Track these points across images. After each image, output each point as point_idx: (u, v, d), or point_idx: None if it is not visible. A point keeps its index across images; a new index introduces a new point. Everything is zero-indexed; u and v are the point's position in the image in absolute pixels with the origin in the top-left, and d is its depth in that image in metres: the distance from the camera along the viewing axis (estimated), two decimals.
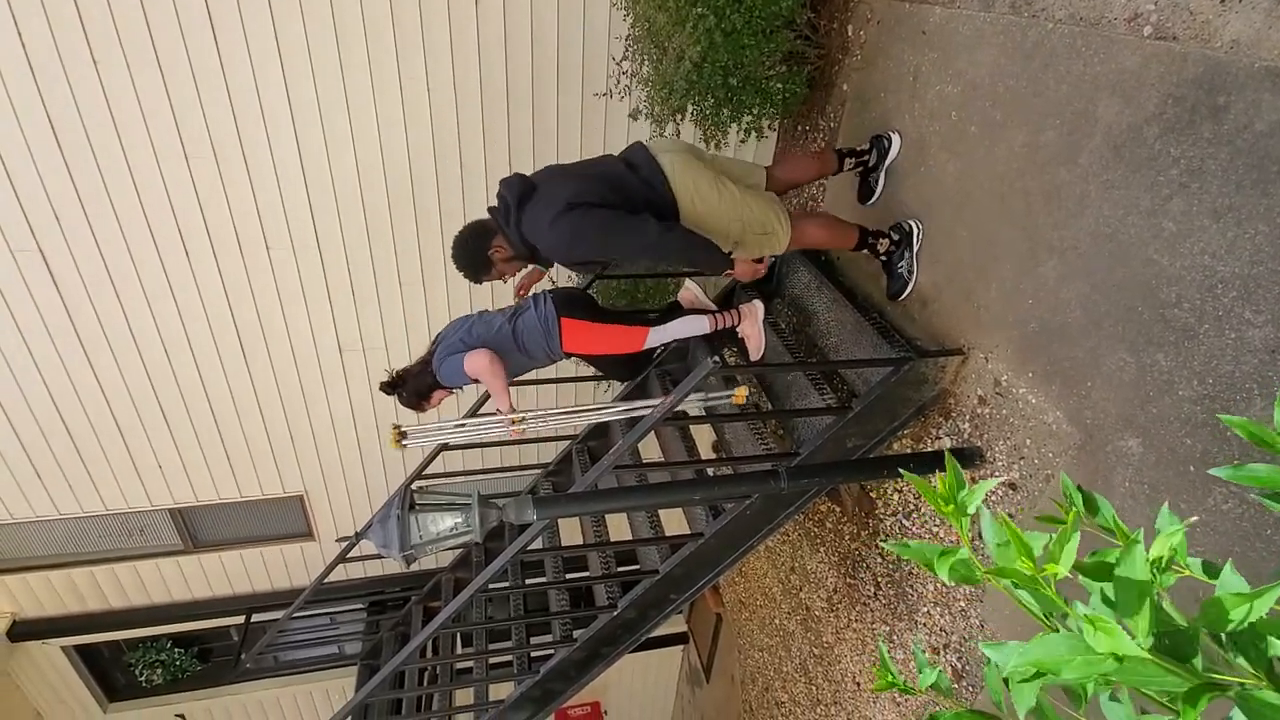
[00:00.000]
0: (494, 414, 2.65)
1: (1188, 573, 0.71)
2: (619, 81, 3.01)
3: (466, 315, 2.68)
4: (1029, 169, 2.07)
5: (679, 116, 2.86)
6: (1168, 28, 1.66)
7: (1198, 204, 1.62)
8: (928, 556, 0.73)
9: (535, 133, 3.33)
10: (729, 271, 2.44)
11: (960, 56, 2.29)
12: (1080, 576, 0.69)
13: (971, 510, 0.75)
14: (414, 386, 2.59)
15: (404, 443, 2.57)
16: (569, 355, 2.64)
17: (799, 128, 3.36)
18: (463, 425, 2.77)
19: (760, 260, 2.55)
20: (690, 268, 2.65)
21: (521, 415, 2.55)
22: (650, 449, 3.87)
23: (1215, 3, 1.56)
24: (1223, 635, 0.62)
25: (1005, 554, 0.67)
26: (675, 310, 2.85)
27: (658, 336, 2.69)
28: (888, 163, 2.70)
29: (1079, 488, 0.78)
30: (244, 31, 2.85)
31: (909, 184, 2.61)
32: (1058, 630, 0.64)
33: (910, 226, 2.57)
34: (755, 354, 2.89)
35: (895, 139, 2.67)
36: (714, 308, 2.87)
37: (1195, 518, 0.72)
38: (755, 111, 2.92)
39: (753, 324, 2.85)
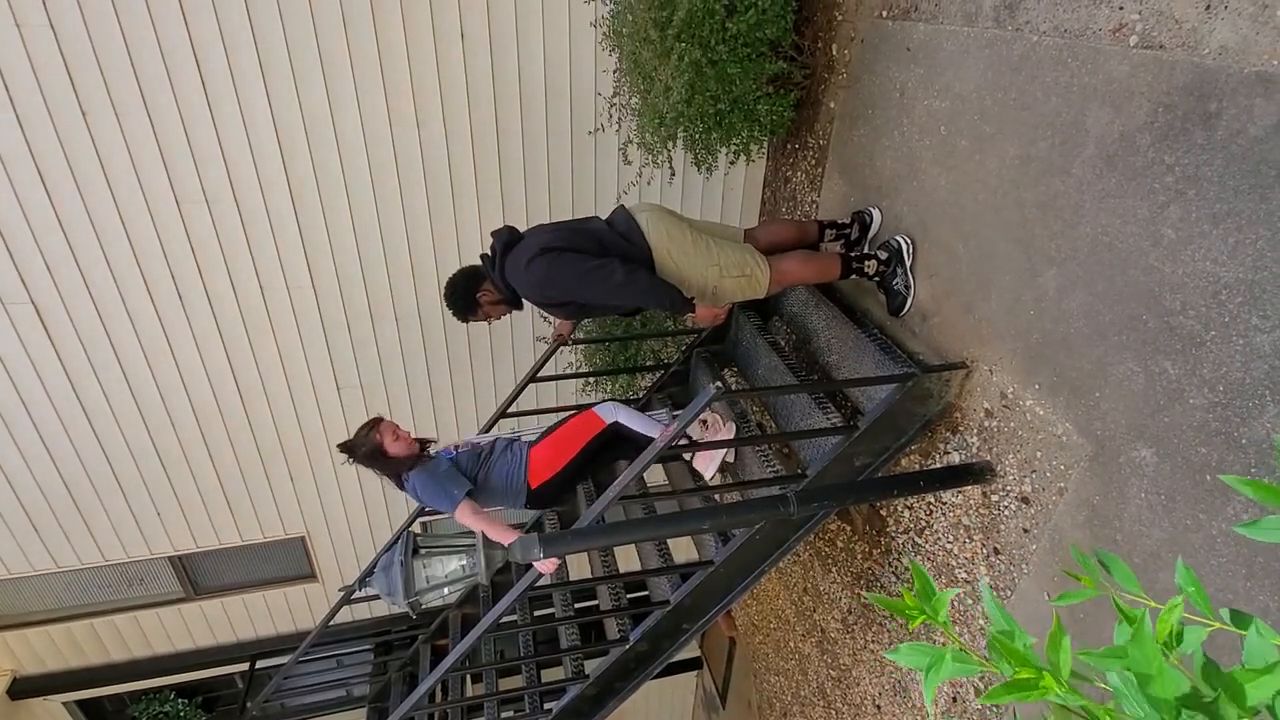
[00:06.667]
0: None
1: (1217, 625, 0.68)
2: (610, 115, 3.02)
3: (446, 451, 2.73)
4: (1022, 181, 2.06)
5: (671, 144, 2.86)
6: (1154, 37, 1.66)
7: (1196, 210, 1.61)
8: (920, 662, 0.72)
9: (525, 161, 3.33)
10: (691, 315, 2.50)
11: (946, 71, 2.30)
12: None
13: (941, 619, 0.74)
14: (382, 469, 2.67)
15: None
16: (532, 491, 2.70)
17: (788, 146, 3.37)
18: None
19: (721, 307, 2.61)
20: (654, 308, 2.67)
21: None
22: (654, 474, 3.82)
23: (1200, 10, 1.56)
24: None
25: (1000, 661, 0.65)
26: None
27: (614, 410, 2.77)
28: (870, 236, 2.75)
29: (1097, 554, 0.76)
30: (231, 74, 2.86)
31: (901, 199, 2.61)
32: None
33: (898, 243, 2.56)
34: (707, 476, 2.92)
35: (877, 215, 2.72)
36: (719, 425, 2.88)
37: (1192, 588, 0.69)
38: (743, 135, 2.93)
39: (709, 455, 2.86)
